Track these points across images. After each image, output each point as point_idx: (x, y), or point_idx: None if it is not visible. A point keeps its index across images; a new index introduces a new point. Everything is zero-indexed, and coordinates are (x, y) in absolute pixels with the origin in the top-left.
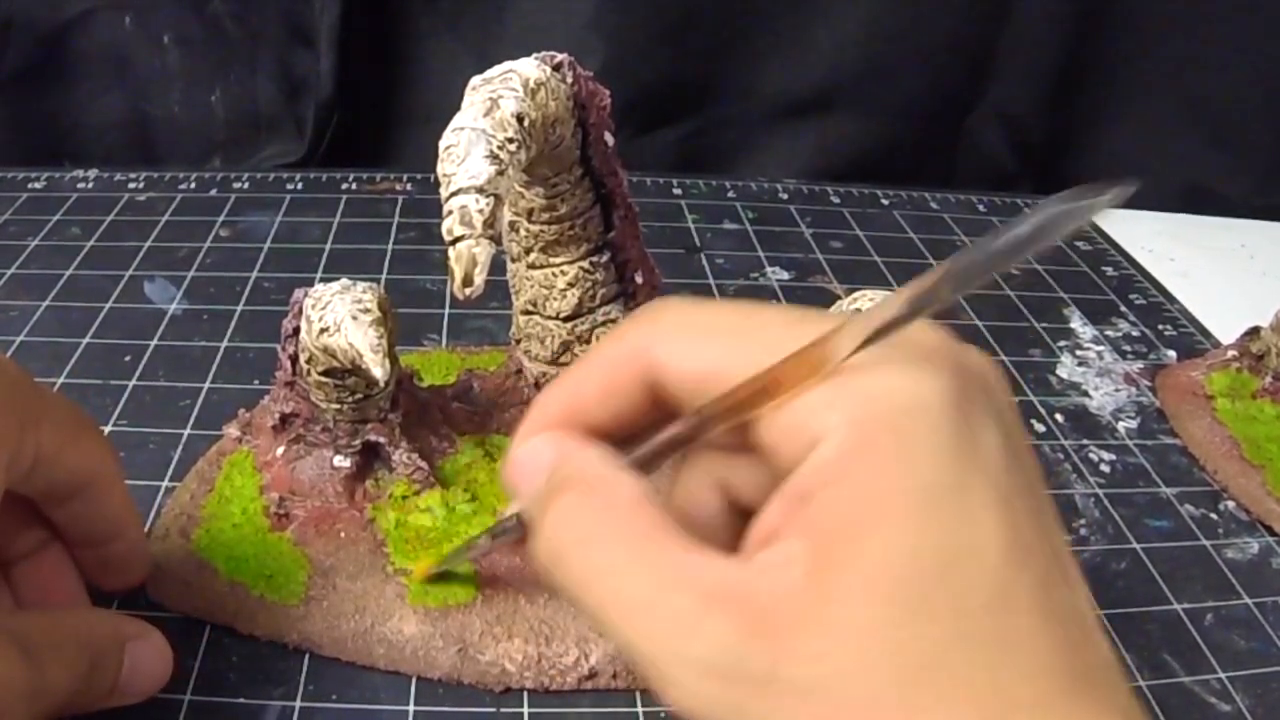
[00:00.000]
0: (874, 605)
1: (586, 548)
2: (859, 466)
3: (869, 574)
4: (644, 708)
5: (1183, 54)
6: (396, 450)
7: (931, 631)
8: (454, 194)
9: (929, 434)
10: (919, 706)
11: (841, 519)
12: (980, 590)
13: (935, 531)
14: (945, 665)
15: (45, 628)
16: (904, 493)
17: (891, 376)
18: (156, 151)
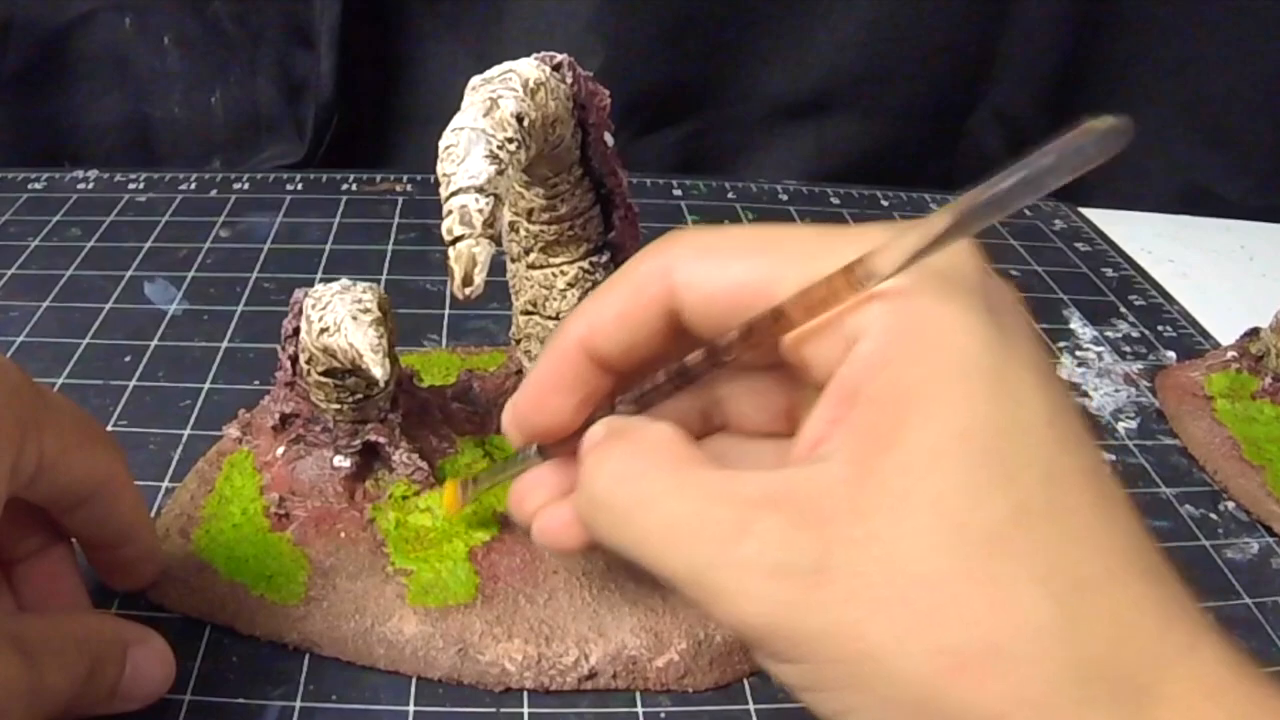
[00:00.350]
0: (927, 482)
1: (626, 483)
2: (901, 353)
3: (919, 453)
4: (644, 708)
5: (1182, 55)
6: (396, 450)
7: (988, 506)
8: (454, 194)
9: (967, 323)
10: (981, 582)
11: (887, 403)
12: (1034, 465)
13: (983, 409)
14: (1005, 539)
15: (45, 630)
16: (948, 373)
17: (921, 278)
18: (156, 152)
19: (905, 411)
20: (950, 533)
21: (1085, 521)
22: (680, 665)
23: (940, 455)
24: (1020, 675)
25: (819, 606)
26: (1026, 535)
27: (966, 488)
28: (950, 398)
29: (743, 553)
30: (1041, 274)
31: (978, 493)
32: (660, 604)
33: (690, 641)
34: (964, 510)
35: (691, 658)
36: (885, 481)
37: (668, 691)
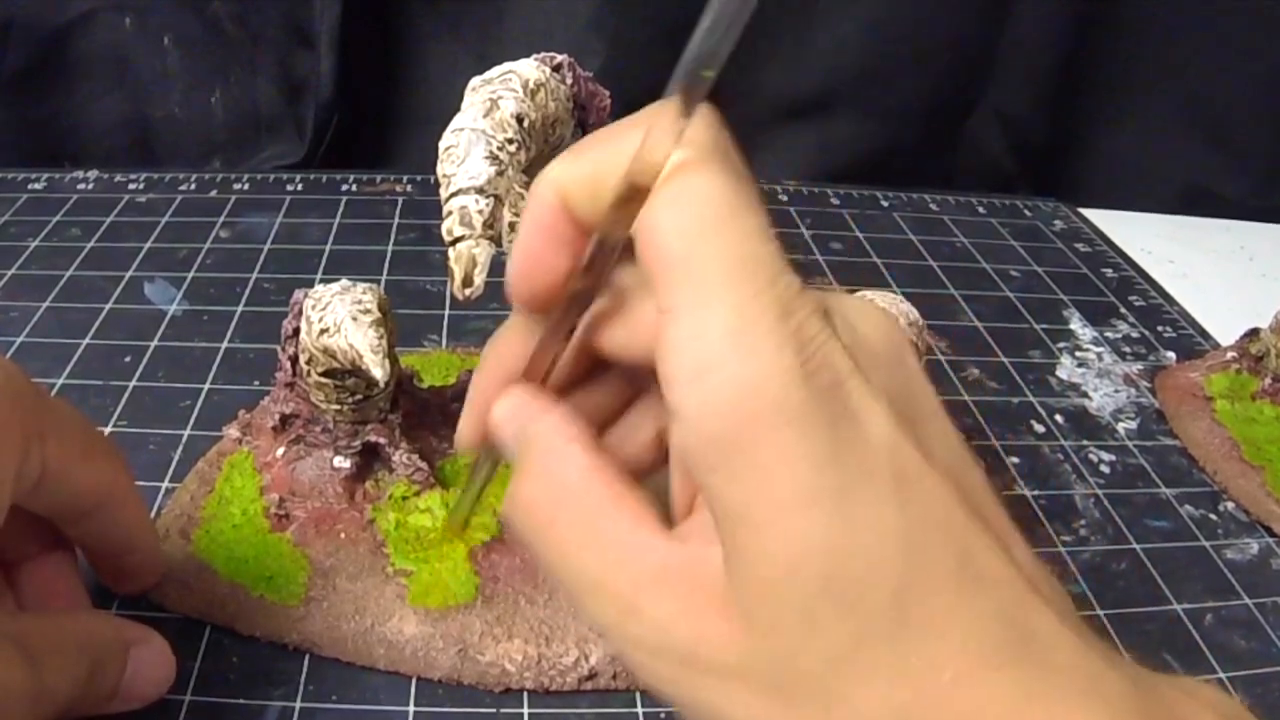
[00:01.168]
0: (769, 605)
1: (543, 525)
2: (735, 463)
3: (759, 576)
4: (644, 708)
5: (1182, 56)
6: (396, 451)
7: (837, 628)
8: (454, 195)
9: (797, 439)
10: (837, 693)
11: (731, 515)
12: (882, 585)
13: (820, 536)
14: (856, 656)
15: (46, 631)
16: (787, 496)
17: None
18: (157, 153)
19: (745, 530)
20: (792, 654)
21: (935, 629)
22: None
23: (775, 584)
24: None
25: (690, 686)
26: (865, 657)
27: (804, 617)
28: (781, 528)
29: (633, 630)
30: (1041, 274)
31: (815, 620)
32: None
33: None
34: (802, 636)
35: None
36: (738, 592)
37: None
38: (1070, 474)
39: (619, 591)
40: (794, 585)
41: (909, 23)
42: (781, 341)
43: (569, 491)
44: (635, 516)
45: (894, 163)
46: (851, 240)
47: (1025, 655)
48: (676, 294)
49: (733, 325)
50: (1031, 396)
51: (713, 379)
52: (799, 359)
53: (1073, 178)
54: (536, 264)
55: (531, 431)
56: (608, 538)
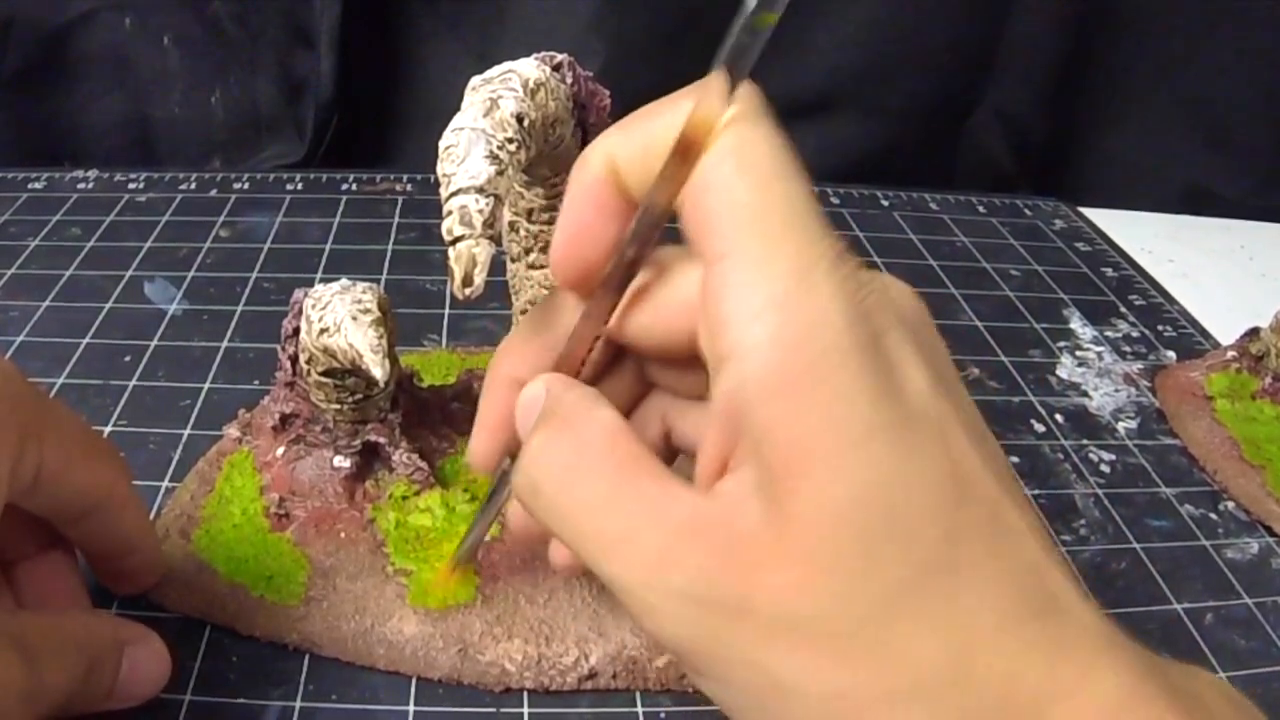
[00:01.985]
0: (830, 542)
1: (564, 482)
2: (790, 404)
3: (820, 513)
4: (644, 708)
5: (1182, 55)
6: (396, 450)
7: (887, 569)
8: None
9: (853, 377)
10: (881, 639)
11: (783, 453)
12: (930, 524)
13: (874, 471)
14: (905, 598)
15: (44, 629)
16: (837, 435)
17: (811, 308)
18: (157, 152)
19: (803, 468)
20: (852, 594)
21: (981, 574)
22: (680, 665)
23: (839, 519)
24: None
25: (735, 640)
26: (923, 595)
27: (865, 552)
28: (844, 461)
29: (671, 582)
30: (1041, 274)
31: (877, 556)
32: None
33: None
34: (863, 573)
35: None
36: (795, 535)
37: (668, 691)
38: (1070, 473)
39: (651, 545)
40: (856, 520)
41: (909, 23)
42: (837, 287)
43: (593, 449)
44: (661, 474)
45: (894, 162)
46: (851, 240)
47: (1054, 609)
48: (738, 238)
49: (796, 267)
50: (1031, 396)
51: (778, 314)
52: (853, 304)
53: (1073, 177)
54: (584, 235)
55: (559, 397)
56: (635, 493)
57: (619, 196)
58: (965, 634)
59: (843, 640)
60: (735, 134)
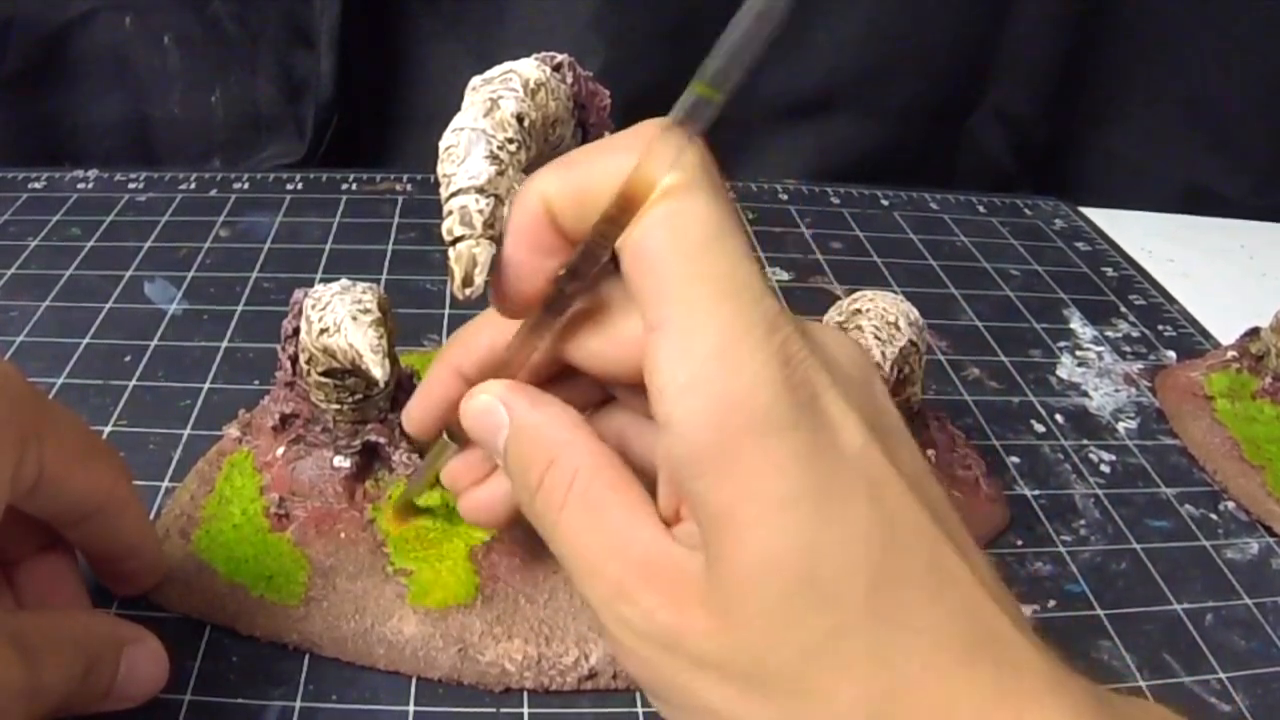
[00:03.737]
0: (750, 599)
1: (557, 515)
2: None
3: (742, 573)
4: (644, 708)
5: (1182, 55)
6: (396, 450)
7: (814, 623)
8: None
9: (783, 442)
10: (813, 686)
11: (712, 523)
12: (858, 580)
13: (801, 534)
14: (825, 649)
15: (43, 628)
16: (768, 499)
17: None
18: (156, 152)
19: (727, 535)
20: (770, 645)
21: (913, 621)
22: None
23: (758, 579)
24: None
25: (672, 671)
26: (844, 644)
27: (784, 609)
28: (763, 528)
29: (622, 613)
30: (1041, 274)
31: (795, 612)
32: None
33: None
34: (782, 627)
35: None
36: (722, 590)
37: None
38: (1070, 474)
39: (611, 575)
40: (772, 581)
41: (909, 23)
42: (767, 357)
43: (579, 478)
44: (633, 506)
45: (894, 162)
46: (852, 239)
47: (993, 654)
48: (667, 310)
49: (722, 341)
50: (1031, 396)
51: (702, 391)
52: (783, 373)
53: (1073, 177)
54: (519, 270)
55: (532, 420)
56: (608, 524)
57: (554, 234)
58: (890, 679)
59: (761, 684)
60: (671, 204)
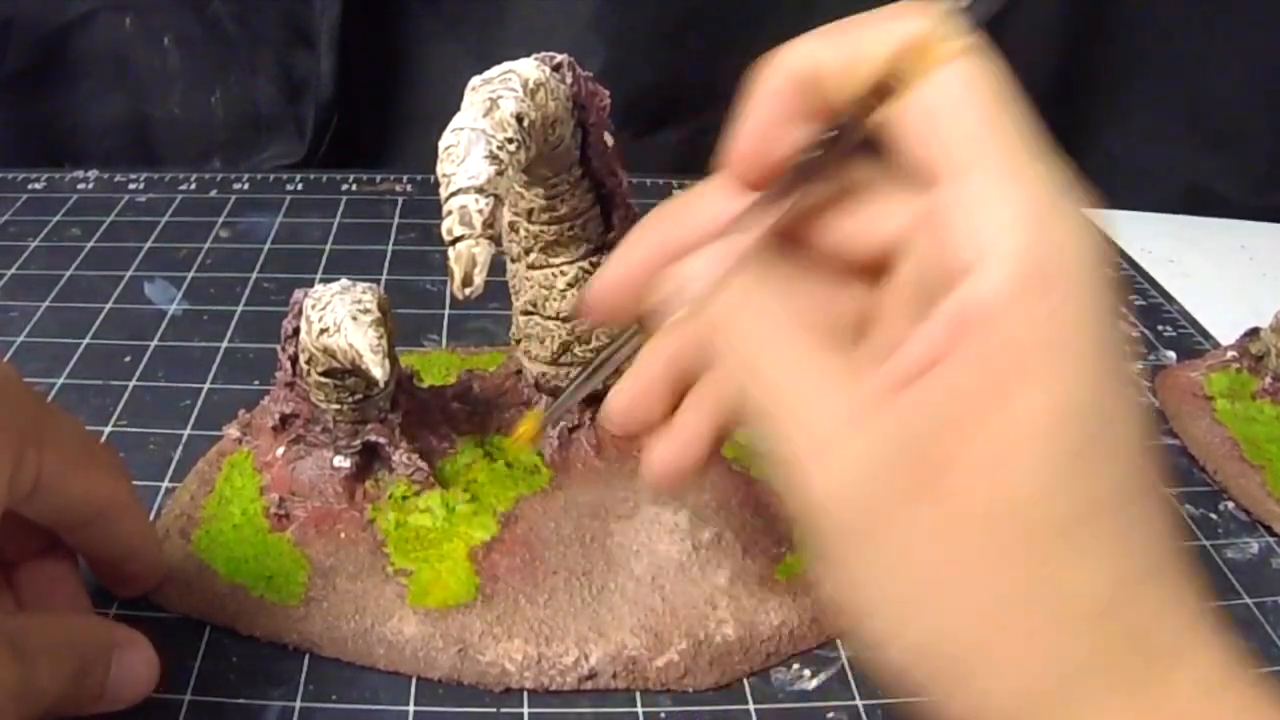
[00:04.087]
0: (1037, 449)
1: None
2: (1032, 311)
3: (1021, 426)
4: (644, 708)
5: (1182, 56)
6: (396, 450)
7: (1087, 482)
8: (454, 194)
9: (1096, 295)
10: (1069, 548)
11: (1001, 358)
12: (1126, 454)
13: (1099, 390)
14: (1095, 515)
15: (37, 630)
16: (1077, 348)
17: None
18: (157, 152)
19: (1019, 374)
20: (1047, 498)
21: (1145, 512)
22: (680, 665)
23: (1038, 435)
24: (1052, 652)
25: (885, 528)
26: (1114, 514)
27: (1070, 464)
28: (1073, 374)
29: (846, 451)
30: None
31: (1078, 468)
32: (660, 604)
33: (690, 641)
34: (1064, 482)
35: (691, 658)
36: (984, 444)
37: (668, 691)
38: None
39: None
40: (1062, 435)
41: None
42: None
43: (792, 321)
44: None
45: None
46: None
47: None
48: (984, 153)
49: (1049, 189)
50: None
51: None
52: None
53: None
54: (767, 134)
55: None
56: (829, 362)
57: (810, 102)
58: (1130, 567)
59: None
60: (965, 63)
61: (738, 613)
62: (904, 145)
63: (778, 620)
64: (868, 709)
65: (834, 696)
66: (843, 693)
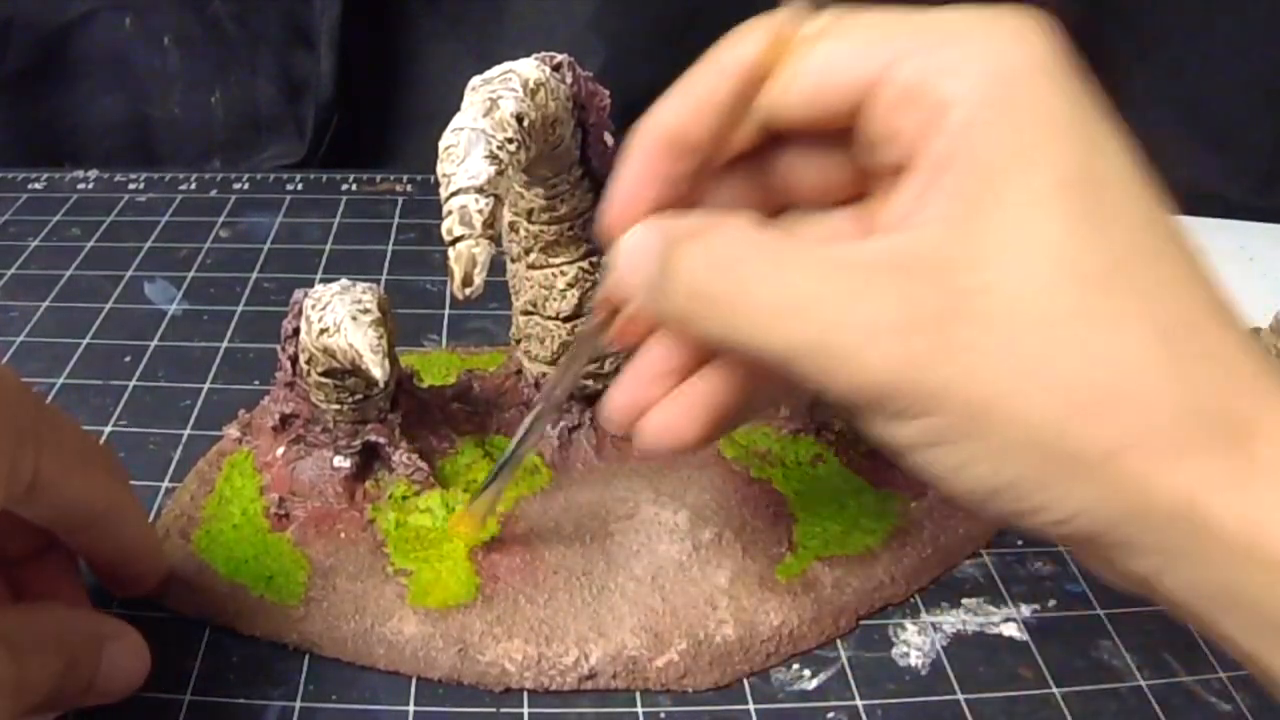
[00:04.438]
0: (1034, 230)
1: (727, 270)
2: (996, 115)
3: (1023, 204)
4: (644, 708)
5: (1182, 56)
6: (396, 450)
7: (1095, 250)
8: (454, 194)
9: (1061, 80)
10: (1095, 323)
11: (986, 162)
12: (1133, 212)
13: (1079, 160)
14: (1114, 281)
15: (27, 624)
16: (1044, 130)
17: (995, 40)
18: (157, 152)
19: (1005, 167)
20: (1062, 276)
21: (1182, 268)
22: (680, 665)
23: (1044, 205)
24: (1131, 415)
25: (943, 357)
26: (1133, 277)
27: (1073, 234)
28: (1047, 152)
29: (865, 311)
30: None
31: (1084, 238)
32: (660, 604)
33: (690, 641)
34: (1073, 254)
35: (691, 658)
36: (994, 233)
37: (668, 691)
38: None
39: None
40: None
41: None
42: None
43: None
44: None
45: None
46: None
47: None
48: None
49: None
50: None
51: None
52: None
53: None
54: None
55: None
56: (808, 252)
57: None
58: (1176, 323)
59: (1053, 332)
60: None
61: (738, 613)
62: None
63: (778, 620)
64: (868, 709)
65: (834, 696)
66: (843, 693)
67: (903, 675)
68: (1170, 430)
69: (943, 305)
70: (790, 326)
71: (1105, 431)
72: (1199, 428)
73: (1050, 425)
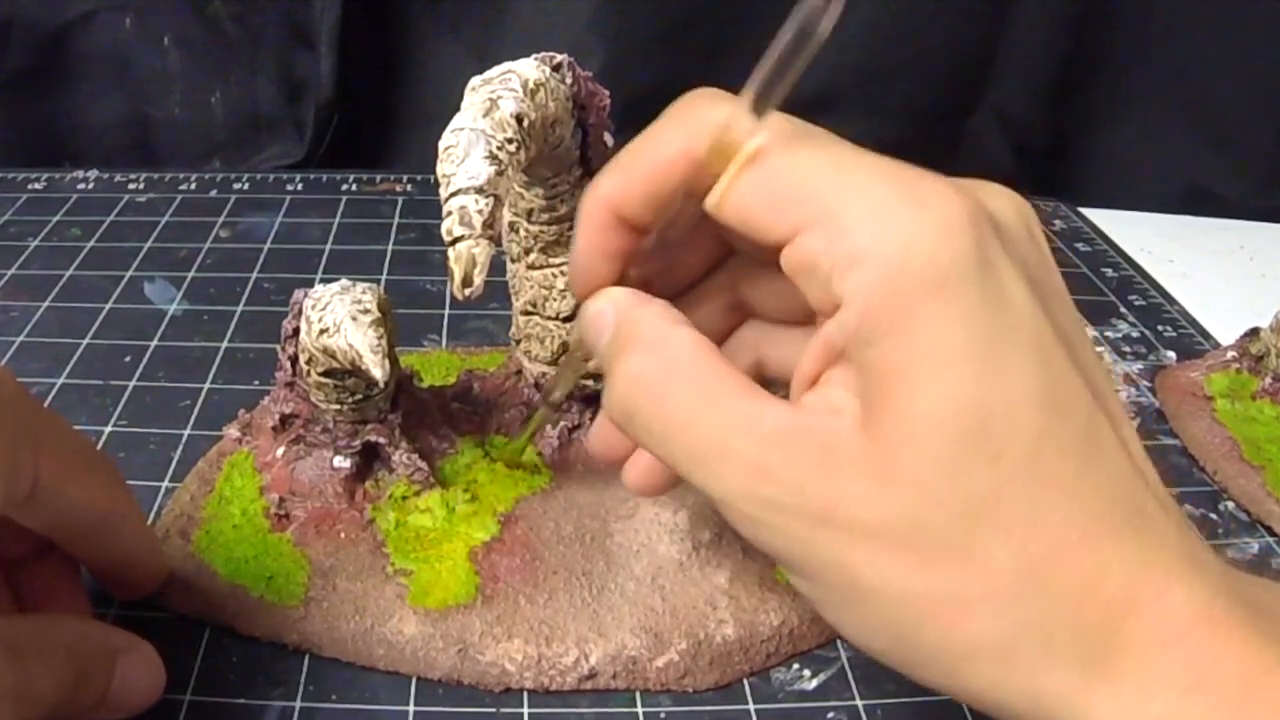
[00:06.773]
0: (913, 456)
1: (657, 401)
2: (890, 333)
3: (916, 427)
4: (644, 708)
5: (1182, 56)
6: (396, 450)
7: (979, 479)
8: (453, 194)
9: (956, 299)
10: (972, 546)
11: (884, 378)
12: (1022, 439)
13: (973, 387)
14: (994, 509)
15: (34, 632)
16: (940, 355)
17: (908, 236)
18: (157, 153)
19: (903, 388)
20: (931, 505)
21: (1068, 488)
22: (680, 665)
23: (918, 438)
24: (986, 625)
25: (823, 545)
26: (1013, 505)
27: (957, 464)
28: (941, 380)
29: (763, 492)
30: None
31: (958, 470)
32: (660, 604)
33: (690, 641)
34: (944, 486)
35: (691, 658)
36: (879, 450)
37: (668, 691)
38: None
39: (744, 453)
40: (941, 436)
41: (909, 23)
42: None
43: (681, 365)
44: (750, 389)
45: None
46: None
47: (1140, 526)
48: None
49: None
50: None
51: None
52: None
53: (1073, 178)
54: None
55: (635, 316)
56: (727, 404)
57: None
58: (1046, 543)
59: (919, 547)
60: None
61: (738, 613)
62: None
63: (778, 620)
64: (868, 709)
65: (834, 696)
66: (843, 693)
67: (903, 675)
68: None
69: (829, 504)
70: (701, 477)
71: (959, 637)
72: (1054, 642)
73: (911, 622)
